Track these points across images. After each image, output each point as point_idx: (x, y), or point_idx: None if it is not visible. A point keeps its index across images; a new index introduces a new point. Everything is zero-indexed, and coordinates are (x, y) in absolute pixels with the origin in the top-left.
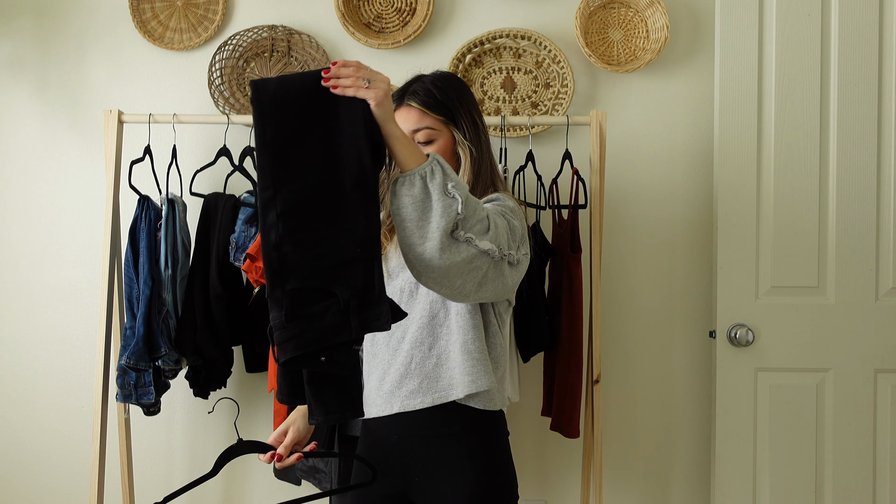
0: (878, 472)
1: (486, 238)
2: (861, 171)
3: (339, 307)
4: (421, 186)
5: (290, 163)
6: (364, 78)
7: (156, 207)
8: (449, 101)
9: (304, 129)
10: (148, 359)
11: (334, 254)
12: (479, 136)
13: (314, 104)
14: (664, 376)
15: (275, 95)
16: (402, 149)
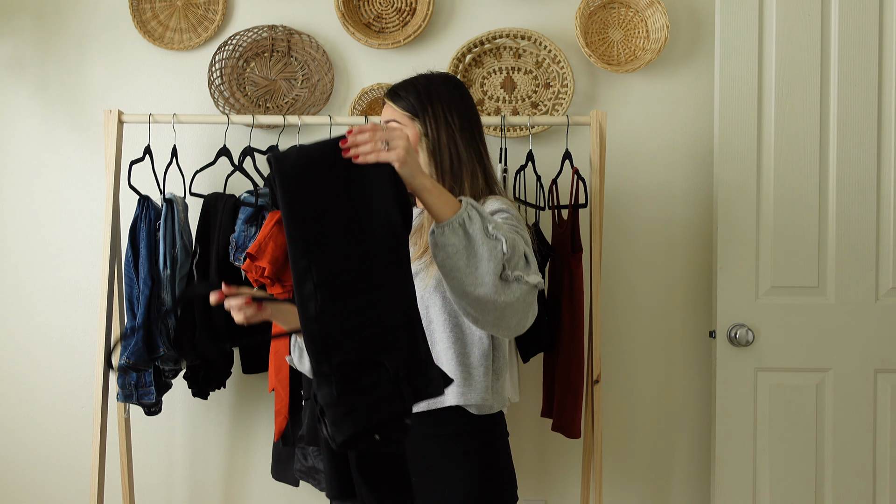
0: (878, 472)
1: (531, 271)
2: (861, 171)
3: (389, 378)
4: (462, 234)
5: (321, 232)
6: (382, 140)
7: (156, 207)
8: (418, 97)
9: (330, 197)
10: (147, 359)
11: (376, 322)
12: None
13: (337, 172)
14: (664, 376)
15: (297, 167)
16: (434, 200)
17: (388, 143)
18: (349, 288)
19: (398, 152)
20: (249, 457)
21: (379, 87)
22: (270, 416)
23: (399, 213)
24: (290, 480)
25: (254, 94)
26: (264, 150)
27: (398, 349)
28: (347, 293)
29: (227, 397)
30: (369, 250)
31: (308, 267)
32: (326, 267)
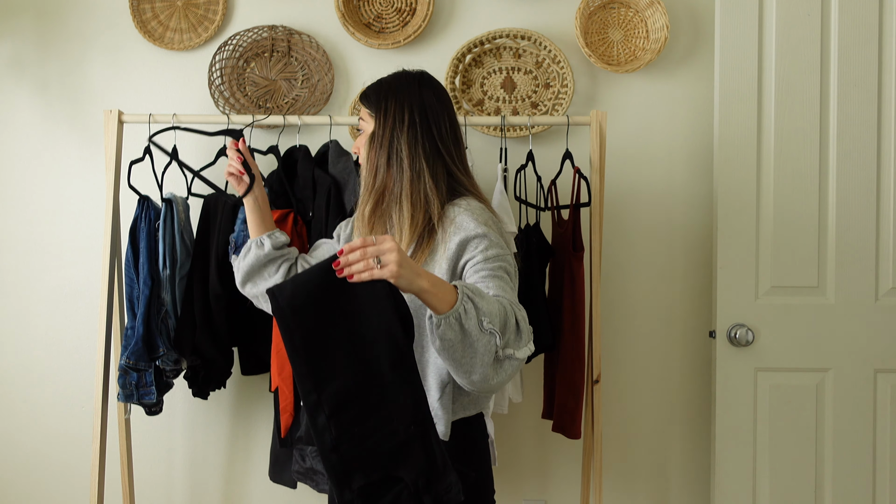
0: (878, 472)
1: (522, 343)
2: (861, 171)
3: (410, 490)
4: (458, 328)
5: (326, 362)
6: (374, 257)
7: (156, 207)
8: (379, 94)
9: (330, 324)
10: (147, 359)
11: (390, 439)
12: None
13: (333, 297)
14: (664, 376)
15: (293, 299)
16: (432, 298)
17: (380, 260)
18: (361, 411)
19: (391, 268)
20: (249, 457)
21: None
22: (270, 416)
23: (400, 325)
24: (288, 482)
25: (254, 94)
26: (265, 150)
27: (415, 460)
28: (360, 417)
29: (227, 397)
30: (375, 369)
31: (318, 401)
32: (336, 396)
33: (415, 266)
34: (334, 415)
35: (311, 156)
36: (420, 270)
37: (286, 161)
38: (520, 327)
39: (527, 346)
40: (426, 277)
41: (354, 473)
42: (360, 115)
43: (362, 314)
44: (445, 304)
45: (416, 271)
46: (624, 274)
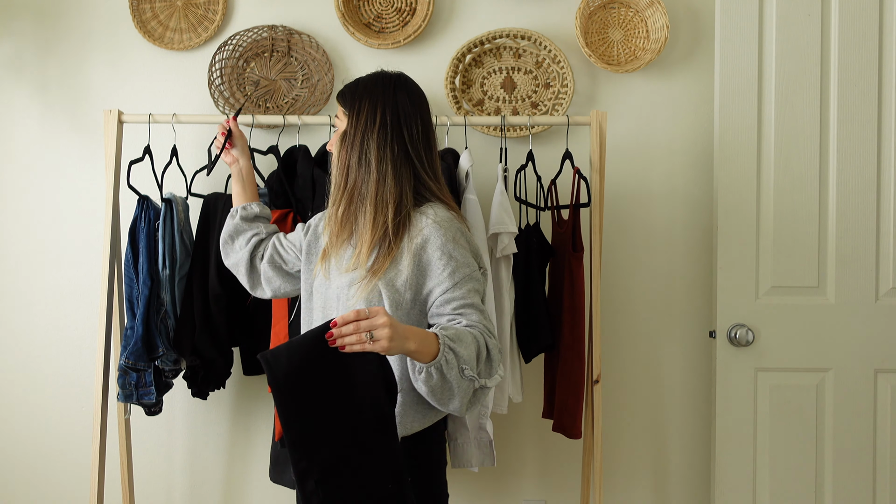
0: (878, 472)
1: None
2: (861, 171)
3: None
4: (439, 377)
5: (317, 430)
6: (366, 331)
7: (156, 207)
8: (354, 94)
9: (322, 392)
10: (146, 359)
11: (371, 496)
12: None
13: (325, 365)
14: (664, 376)
15: (288, 369)
16: (419, 355)
17: (372, 334)
18: (347, 476)
19: (382, 343)
20: (249, 457)
21: None
22: (270, 417)
23: (385, 394)
24: (288, 483)
25: (254, 94)
26: (265, 150)
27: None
28: (345, 481)
29: (226, 398)
30: (361, 436)
31: (309, 468)
32: (324, 463)
33: (404, 331)
34: (322, 480)
35: (311, 156)
36: (408, 334)
37: (286, 161)
38: (490, 356)
39: (497, 374)
40: (413, 339)
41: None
42: (336, 114)
43: (351, 382)
44: (429, 357)
45: (405, 336)
46: (624, 274)
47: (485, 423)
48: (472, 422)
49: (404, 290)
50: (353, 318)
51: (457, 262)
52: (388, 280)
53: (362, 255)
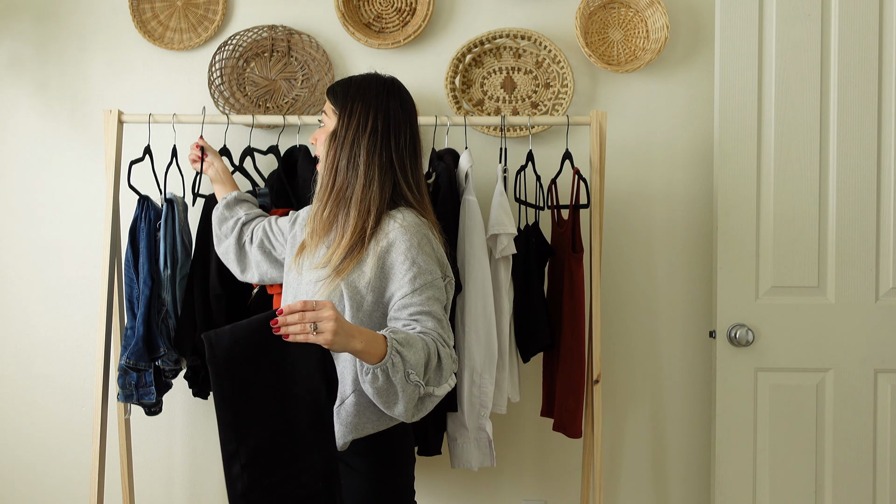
0: (878, 472)
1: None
2: (861, 171)
3: None
4: (384, 379)
5: (250, 414)
6: (311, 322)
7: (156, 207)
8: (345, 95)
9: (260, 378)
10: (147, 359)
11: (297, 492)
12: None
13: (267, 352)
14: (664, 376)
15: (229, 352)
16: (365, 356)
17: (317, 326)
18: (274, 463)
19: (325, 336)
20: None
21: None
22: None
23: (324, 388)
24: None
25: (254, 94)
26: (265, 150)
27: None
28: (272, 468)
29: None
30: (295, 426)
31: (236, 450)
32: (254, 448)
33: (350, 329)
34: (249, 465)
35: (312, 156)
36: (355, 332)
37: (286, 161)
38: (441, 365)
39: (447, 384)
40: (360, 338)
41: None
42: (324, 109)
43: (292, 372)
44: (376, 358)
45: (351, 334)
46: (624, 274)
47: (484, 424)
48: (471, 422)
49: (366, 292)
50: (300, 308)
51: (419, 268)
52: (351, 281)
53: (335, 256)
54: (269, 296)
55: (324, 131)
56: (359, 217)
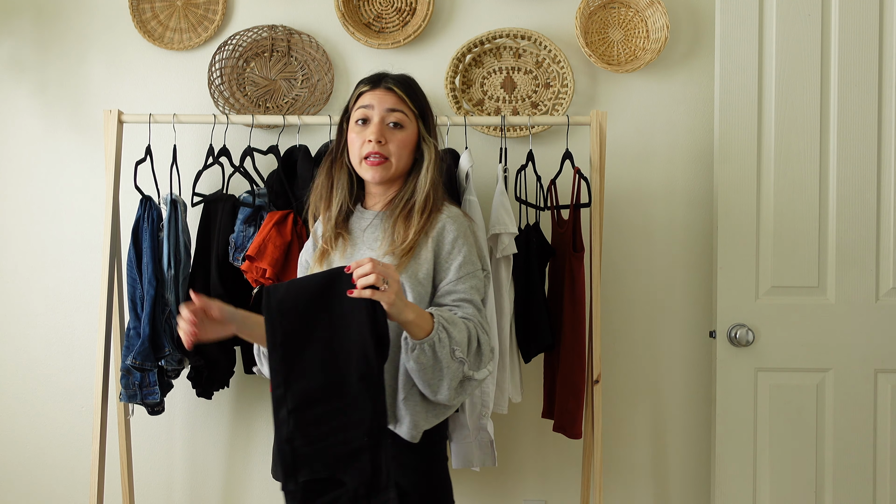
0: (879, 472)
1: (482, 364)
2: (861, 171)
3: (350, 496)
4: (431, 354)
5: (299, 362)
6: (382, 276)
7: (157, 208)
8: (421, 97)
9: (311, 328)
10: (153, 359)
11: (343, 444)
12: (435, 142)
13: (322, 305)
14: (664, 376)
15: (283, 301)
16: (413, 328)
17: (386, 282)
18: (321, 414)
19: (389, 296)
20: (249, 457)
21: None
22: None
23: (374, 344)
24: None
25: (254, 94)
26: (265, 150)
27: (361, 470)
28: (319, 419)
29: (227, 397)
30: (343, 378)
31: (284, 395)
32: (301, 395)
33: (405, 300)
34: (295, 411)
35: (311, 156)
36: (409, 303)
37: (286, 161)
38: (481, 350)
39: (485, 368)
40: (412, 310)
41: (302, 468)
42: (395, 106)
43: (344, 326)
44: (423, 332)
45: (406, 303)
46: (624, 274)
47: (485, 423)
48: (472, 422)
49: (427, 282)
50: (371, 262)
51: (464, 258)
52: (411, 273)
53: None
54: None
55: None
56: (423, 219)
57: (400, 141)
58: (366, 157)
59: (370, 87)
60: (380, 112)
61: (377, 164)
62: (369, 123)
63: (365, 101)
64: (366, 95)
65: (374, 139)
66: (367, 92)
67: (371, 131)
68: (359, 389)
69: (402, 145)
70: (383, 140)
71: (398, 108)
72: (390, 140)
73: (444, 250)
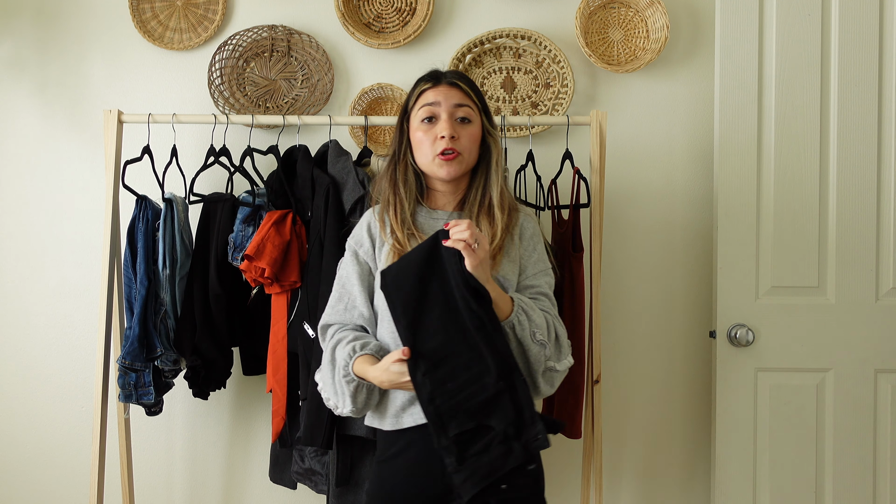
0: (879, 472)
1: (562, 356)
2: (861, 171)
3: (500, 438)
4: (512, 337)
5: (421, 326)
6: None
7: (154, 207)
8: (480, 93)
9: (424, 294)
10: (144, 359)
11: (480, 392)
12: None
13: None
14: (664, 376)
15: (396, 276)
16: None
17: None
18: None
19: (478, 256)
20: (249, 457)
21: (379, 87)
22: (269, 416)
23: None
24: (288, 483)
25: (254, 94)
26: (265, 150)
27: (504, 412)
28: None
29: (226, 398)
30: (462, 332)
31: (416, 360)
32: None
33: (488, 271)
34: (429, 372)
35: (311, 156)
36: (489, 278)
37: (286, 161)
38: (560, 341)
39: (566, 359)
40: (493, 284)
41: (449, 423)
42: (462, 101)
43: (446, 287)
44: (502, 314)
45: (488, 275)
46: (624, 274)
47: None
48: None
49: (514, 279)
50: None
51: (538, 254)
52: (507, 272)
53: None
54: (267, 296)
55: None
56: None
57: (470, 135)
58: (441, 153)
59: (432, 83)
60: (447, 108)
61: (451, 158)
62: (437, 120)
63: (429, 99)
64: (429, 93)
65: (448, 135)
66: (429, 89)
67: (442, 127)
68: (478, 339)
69: (472, 140)
70: (456, 135)
71: (464, 102)
72: (461, 135)
73: (525, 247)
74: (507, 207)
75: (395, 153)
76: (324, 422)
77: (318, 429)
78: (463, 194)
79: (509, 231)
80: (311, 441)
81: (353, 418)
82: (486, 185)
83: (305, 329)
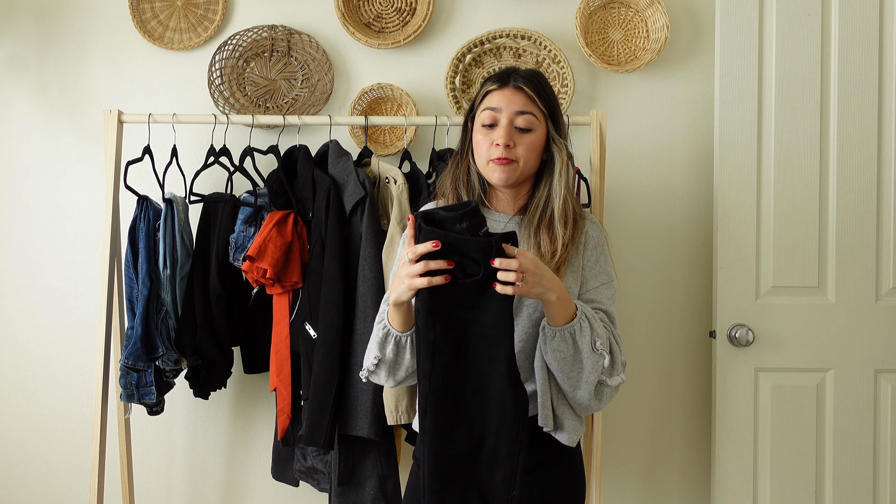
0: (879, 472)
1: (616, 371)
2: (861, 171)
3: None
4: (571, 343)
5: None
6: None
7: (155, 207)
8: (551, 97)
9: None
10: (146, 359)
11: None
12: (567, 146)
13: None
14: (664, 376)
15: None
16: (554, 311)
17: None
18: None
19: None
20: (249, 457)
21: (379, 87)
22: (270, 416)
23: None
24: (290, 481)
25: (254, 94)
26: (265, 150)
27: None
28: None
29: (227, 397)
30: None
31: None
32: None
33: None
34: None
35: (311, 156)
36: (555, 285)
37: (286, 161)
38: (614, 357)
39: (619, 376)
40: (558, 290)
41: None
42: (524, 108)
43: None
44: (563, 319)
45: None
46: (624, 274)
47: None
48: None
49: (576, 290)
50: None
51: (601, 267)
52: (568, 286)
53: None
54: (268, 296)
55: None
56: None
57: (528, 144)
58: (494, 158)
59: (498, 85)
60: (508, 115)
61: (504, 163)
62: (497, 126)
63: (492, 103)
64: (493, 95)
65: (503, 143)
66: (494, 91)
67: (499, 135)
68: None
69: (530, 148)
70: (511, 144)
71: (527, 109)
72: (518, 143)
73: (589, 258)
74: (572, 219)
75: (459, 152)
76: (325, 422)
77: (320, 429)
78: (525, 200)
79: (574, 242)
80: (312, 441)
81: (353, 417)
82: (549, 196)
83: (307, 329)
